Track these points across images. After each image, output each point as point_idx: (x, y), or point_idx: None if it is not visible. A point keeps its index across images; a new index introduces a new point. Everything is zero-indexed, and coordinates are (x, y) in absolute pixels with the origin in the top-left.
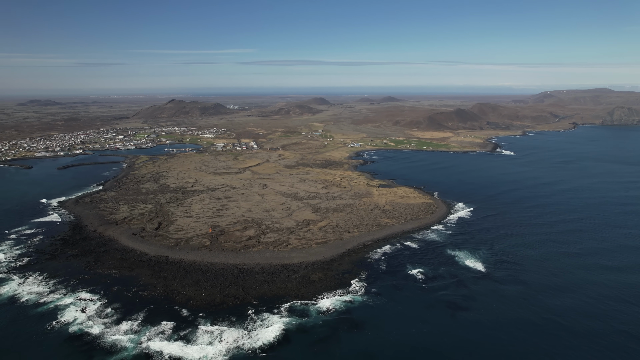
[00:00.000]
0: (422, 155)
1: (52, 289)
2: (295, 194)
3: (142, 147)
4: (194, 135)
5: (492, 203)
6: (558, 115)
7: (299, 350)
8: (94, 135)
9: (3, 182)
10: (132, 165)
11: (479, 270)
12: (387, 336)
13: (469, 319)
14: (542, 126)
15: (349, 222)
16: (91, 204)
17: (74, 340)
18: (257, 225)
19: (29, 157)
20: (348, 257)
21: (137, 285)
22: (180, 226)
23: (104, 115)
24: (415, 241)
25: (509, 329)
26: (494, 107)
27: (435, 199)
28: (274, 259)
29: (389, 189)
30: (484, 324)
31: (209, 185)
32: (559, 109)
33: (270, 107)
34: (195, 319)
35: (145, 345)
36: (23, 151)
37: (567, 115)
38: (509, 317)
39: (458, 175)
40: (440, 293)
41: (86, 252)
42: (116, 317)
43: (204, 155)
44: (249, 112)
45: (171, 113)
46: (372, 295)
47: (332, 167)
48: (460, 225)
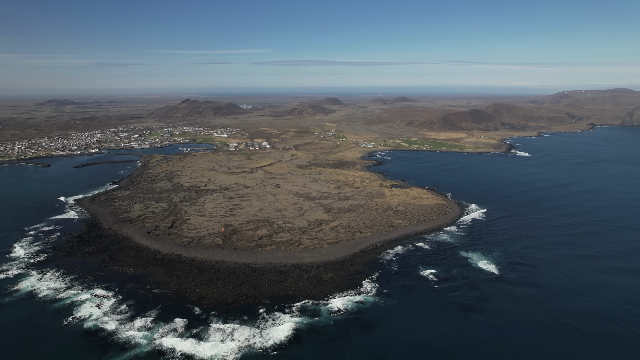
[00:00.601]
0: (436, 156)
1: (68, 285)
2: (307, 194)
3: (157, 146)
4: (208, 135)
5: (506, 204)
6: (575, 116)
7: (310, 350)
8: (109, 135)
9: (23, 179)
10: (146, 164)
11: (492, 272)
12: (398, 337)
13: (481, 320)
14: (558, 127)
15: (361, 222)
16: (106, 202)
17: (89, 336)
18: (269, 224)
19: (47, 156)
20: (360, 257)
21: (150, 283)
22: (193, 225)
23: (119, 115)
24: (428, 242)
25: (523, 332)
26: (508, 107)
27: (449, 200)
28: (286, 259)
29: (401, 190)
30: (497, 326)
31: (222, 185)
32: (576, 109)
33: (283, 107)
34: (208, 317)
35: (158, 342)
36: (42, 150)
37: (584, 116)
38: (523, 319)
39: (472, 176)
40: (452, 295)
41: (101, 249)
42: (130, 313)
43: (217, 154)
44: (262, 112)
45: (185, 113)
46: (383, 296)
47: (345, 167)
48: (473, 227)
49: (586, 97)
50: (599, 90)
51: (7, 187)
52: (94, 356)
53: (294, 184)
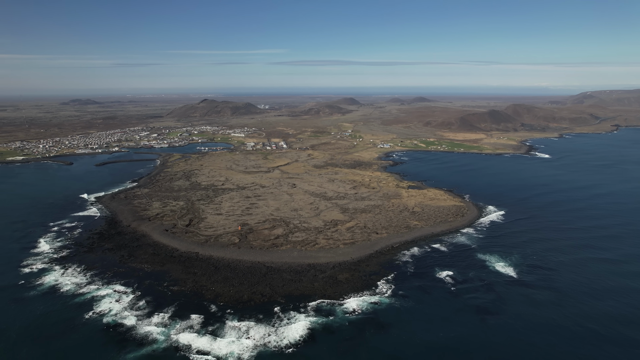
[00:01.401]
0: (453, 157)
1: (89, 280)
2: (323, 194)
3: (175, 145)
4: (225, 135)
5: (525, 206)
6: (599, 117)
7: (325, 349)
8: (129, 134)
9: (47, 177)
10: (165, 163)
11: (510, 275)
12: (413, 339)
13: (499, 323)
14: (580, 128)
15: (377, 223)
16: (126, 199)
17: (109, 330)
18: (285, 224)
19: (70, 154)
20: (375, 258)
21: (168, 280)
22: (210, 223)
23: (139, 114)
24: (445, 244)
25: (543, 335)
26: (529, 108)
27: (466, 201)
28: (302, 258)
29: (418, 191)
30: (515, 329)
31: (238, 184)
32: (600, 110)
33: (300, 107)
34: (223, 315)
35: (175, 339)
36: (65, 148)
37: (608, 117)
38: (542, 323)
39: (490, 178)
40: (469, 297)
41: (121, 246)
42: (148, 310)
43: (234, 154)
44: (279, 111)
45: (203, 112)
46: (399, 297)
47: (361, 168)
48: (491, 229)
49: (611, 97)
50: (625, 90)
51: (32, 184)
52: (114, 350)
53: (310, 183)
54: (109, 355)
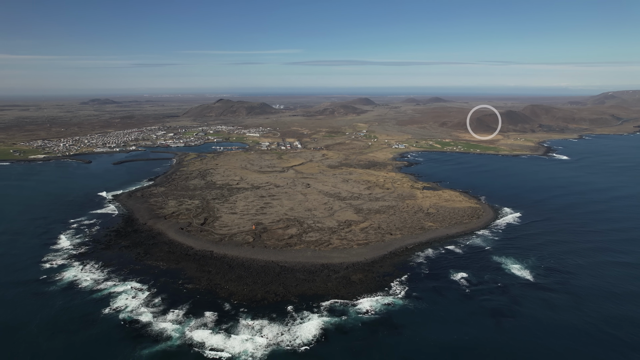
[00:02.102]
0: (469, 158)
1: (106, 277)
2: (337, 194)
3: (191, 144)
4: (240, 134)
5: (542, 208)
6: (621, 117)
7: (338, 350)
8: (146, 133)
9: (67, 175)
10: (181, 162)
11: (527, 278)
12: (427, 341)
13: (515, 326)
14: (601, 129)
15: (391, 224)
16: (142, 198)
17: (125, 326)
18: (299, 224)
19: (88, 153)
20: (389, 259)
21: (182, 278)
22: (225, 222)
23: (156, 114)
24: (460, 246)
25: (561, 339)
26: (547, 108)
27: (482, 203)
28: (315, 258)
29: (433, 192)
30: (532, 332)
31: (253, 183)
32: (622, 110)
33: (315, 107)
34: (237, 314)
35: (189, 336)
36: (84, 147)
37: (631, 117)
38: (560, 326)
39: (506, 179)
40: (484, 300)
41: (137, 244)
42: (163, 307)
43: (249, 153)
44: (294, 111)
45: (219, 112)
46: (413, 299)
47: (376, 168)
48: (507, 231)
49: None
50: None
51: (53, 182)
52: (130, 346)
53: (324, 184)
54: (125, 351)
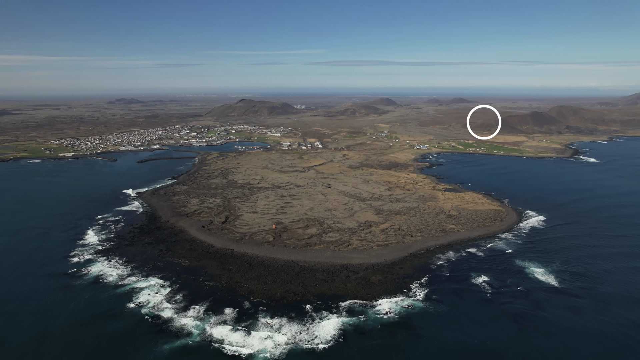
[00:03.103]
0: (493, 160)
1: (129, 272)
2: (358, 195)
3: (213, 144)
4: (262, 134)
5: (567, 212)
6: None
7: (356, 351)
8: (170, 132)
9: (94, 172)
10: (203, 161)
11: (551, 283)
12: (447, 344)
13: (539, 332)
14: (633, 131)
15: (411, 225)
16: (165, 196)
17: (147, 321)
18: (319, 224)
19: (114, 151)
20: (409, 261)
21: (203, 275)
22: (245, 221)
23: (179, 113)
24: (482, 249)
25: (587, 344)
26: (575, 109)
27: (505, 205)
28: (335, 259)
29: (455, 194)
30: (557, 338)
31: (274, 183)
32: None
33: (336, 107)
34: (256, 312)
35: (209, 333)
36: (110, 145)
37: None
38: (586, 332)
39: (531, 182)
40: (506, 304)
41: (159, 241)
42: (184, 303)
43: (270, 153)
44: (315, 111)
45: (241, 112)
46: (432, 302)
47: (397, 169)
48: (531, 235)
49: None
50: None
51: (81, 178)
52: (151, 341)
53: (344, 184)
54: (147, 345)
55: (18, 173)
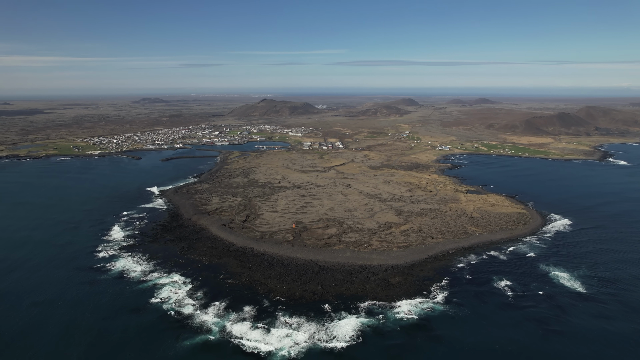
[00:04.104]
0: (517, 162)
1: (152, 268)
2: (378, 196)
3: (235, 143)
4: (283, 134)
5: (594, 215)
6: None
7: (374, 352)
8: (193, 131)
9: (119, 170)
10: (225, 160)
11: (577, 289)
12: (467, 349)
13: (564, 339)
14: None
15: (432, 227)
16: (187, 194)
17: (168, 317)
18: (339, 224)
19: (139, 149)
20: (430, 263)
21: (223, 273)
22: (266, 220)
23: (202, 113)
24: (504, 253)
25: (615, 351)
26: (605, 110)
27: (529, 208)
28: (354, 259)
29: (477, 196)
30: (584, 346)
31: (294, 183)
32: None
33: (357, 108)
34: (275, 310)
35: (229, 330)
36: (135, 144)
37: None
38: (615, 340)
39: (557, 185)
40: (530, 310)
41: (181, 238)
42: (204, 300)
43: (291, 153)
44: (336, 112)
45: (263, 112)
46: (453, 305)
47: (418, 170)
48: (556, 239)
49: None
50: None
51: (107, 176)
52: (172, 336)
53: (365, 184)
54: (168, 341)
55: (48, 170)
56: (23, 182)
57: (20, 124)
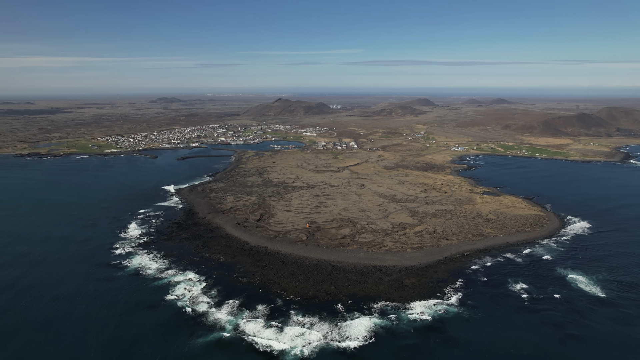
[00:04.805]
0: (534, 163)
1: (167, 266)
2: (392, 196)
3: (250, 142)
4: (297, 133)
5: (614, 218)
6: None
7: (387, 353)
8: (208, 130)
9: (136, 168)
10: (240, 160)
11: (596, 293)
12: (482, 353)
13: (582, 343)
14: None
15: (447, 228)
16: (202, 193)
17: (183, 314)
18: (352, 224)
19: (155, 148)
20: (444, 265)
21: (237, 272)
22: (279, 219)
23: (217, 112)
24: (521, 255)
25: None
26: (627, 111)
27: (547, 211)
28: (368, 260)
29: (493, 197)
30: (604, 350)
31: (308, 182)
32: None
33: (372, 108)
34: (288, 309)
35: (242, 328)
36: (151, 142)
37: None
38: (637, 346)
39: (575, 187)
40: (546, 314)
41: (196, 236)
42: (218, 298)
43: (305, 152)
44: (351, 112)
45: (277, 111)
46: (467, 307)
47: (433, 171)
48: (574, 242)
49: None
50: None
51: (124, 174)
52: (186, 333)
53: (379, 185)
54: (182, 338)
55: (68, 168)
56: (44, 179)
57: (41, 123)
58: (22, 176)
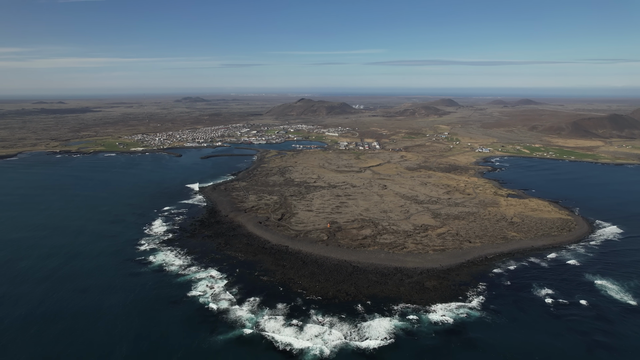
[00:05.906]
0: (562, 165)
1: (189, 263)
2: (414, 197)
3: (272, 142)
4: (320, 133)
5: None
6: None
7: (407, 355)
8: (231, 130)
9: (161, 166)
10: (262, 159)
11: (627, 301)
12: (504, 358)
13: (613, 354)
14: None
15: (470, 231)
16: (225, 191)
17: (204, 311)
18: (373, 225)
19: (179, 147)
20: (467, 268)
21: (258, 270)
22: (301, 219)
23: (241, 112)
24: (546, 260)
25: None
26: None
27: (575, 215)
28: (388, 261)
29: (518, 200)
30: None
31: (330, 182)
32: None
33: (395, 108)
34: (308, 309)
35: (262, 327)
36: (176, 141)
37: None
38: None
39: (606, 190)
40: (573, 322)
41: (218, 234)
42: (239, 296)
43: (327, 152)
44: (373, 112)
45: (300, 111)
46: (490, 312)
47: (457, 172)
48: (603, 247)
49: None
50: None
51: (150, 172)
52: (207, 330)
53: (401, 186)
54: (203, 334)
55: (97, 165)
56: (75, 175)
57: (72, 122)
58: (54, 172)
